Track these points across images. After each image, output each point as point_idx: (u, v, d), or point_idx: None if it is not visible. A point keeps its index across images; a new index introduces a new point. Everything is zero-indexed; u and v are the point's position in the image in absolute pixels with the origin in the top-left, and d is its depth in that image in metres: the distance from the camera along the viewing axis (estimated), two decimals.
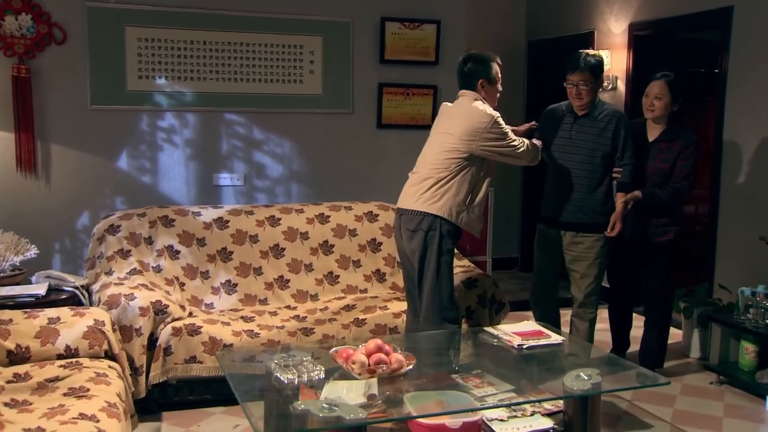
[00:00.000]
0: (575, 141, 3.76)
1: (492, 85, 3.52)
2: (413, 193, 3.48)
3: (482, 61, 3.50)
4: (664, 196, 3.82)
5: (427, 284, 3.41)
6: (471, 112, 3.43)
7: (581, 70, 3.68)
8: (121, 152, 4.43)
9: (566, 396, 2.73)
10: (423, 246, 3.41)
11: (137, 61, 4.37)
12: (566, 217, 3.80)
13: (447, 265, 3.43)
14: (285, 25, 4.65)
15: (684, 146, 3.85)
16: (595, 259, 3.80)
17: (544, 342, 3.12)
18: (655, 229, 3.93)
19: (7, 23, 4.01)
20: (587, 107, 3.75)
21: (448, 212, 3.39)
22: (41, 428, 2.21)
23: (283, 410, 2.43)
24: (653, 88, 3.89)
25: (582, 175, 3.74)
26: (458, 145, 3.40)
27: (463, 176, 3.42)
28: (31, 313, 3.14)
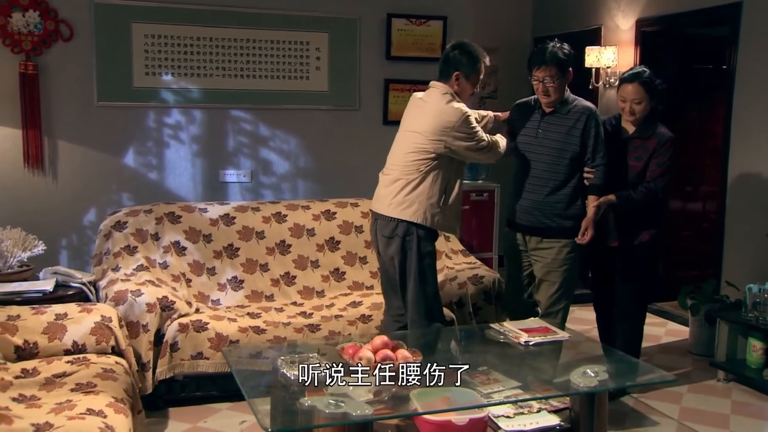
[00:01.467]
0: (542, 139, 3.50)
1: (469, 81, 3.36)
2: (385, 196, 3.39)
3: (469, 54, 3.34)
4: (637, 197, 3.56)
5: (411, 289, 3.35)
6: (439, 108, 3.30)
7: (547, 64, 3.38)
8: (128, 149, 4.44)
9: (573, 393, 2.73)
10: (402, 252, 3.33)
11: (144, 57, 4.37)
12: (529, 221, 3.55)
13: (430, 267, 3.36)
14: (291, 22, 4.65)
15: (659, 144, 3.57)
16: (561, 266, 3.53)
17: (550, 339, 3.11)
18: (630, 232, 3.67)
19: (15, 20, 4.02)
20: (555, 104, 3.49)
21: (422, 217, 3.29)
22: (49, 423, 2.22)
23: (289, 406, 2.43)
24: (628, 92, 3.55)
25: (546, 176, 3.49)
26: (426, 145, 3.28)
27: (434, 177, 3.31)
28: (38, 309, 3.16)
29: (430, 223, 3.31)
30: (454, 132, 3.25)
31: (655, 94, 3.57)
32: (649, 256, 3.74)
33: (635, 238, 3.66)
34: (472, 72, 3.35)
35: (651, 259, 3.77)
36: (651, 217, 3.67)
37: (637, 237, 3.66)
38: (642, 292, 3.80)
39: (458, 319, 3.92)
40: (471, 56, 3.34)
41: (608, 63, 5.53)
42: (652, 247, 3.70)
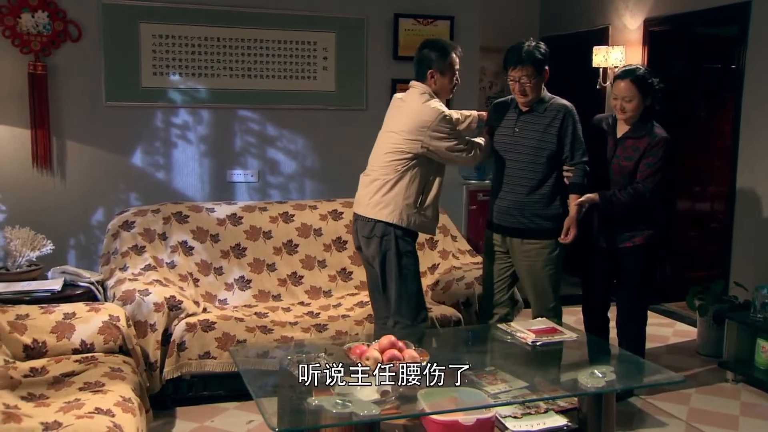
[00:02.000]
0: (519, 138, 3.42)
1: (444, 76, 3.31)
2: (364, 197, 3.37)
3: (438, 49, 3.30)
4: (624, 199, 3.46)
5: (392, 289, 3.33)
6: (416, 108, 3.27)
7: (523, 64, 3.31)
8: (136, 149, 4.46)
9: (580, 393, 2.72)
10: (381, 252, 3.31)
11: (152, 57, 4.39)
12: (508, 222, 3.47)
13: (409, 266, 3.33)
14: (298, 22, 4.65)
15: (650, 144, 3.48)
16: (545, 267, 3.46)
17: (558, 339, 3.10)
18: (620, 234, 3.58)
19: (24, 21, 4.04)
20: (532, 103, 3.42)
21: (398, 217, 3.27)
22: (58, 422, 2.23)
23: (296, 406, 2.43)
24: (620, 90, 3.49)
25: (524, 175, 3.41)
26: (403, 145, 3.26)
27: (411, 177, 3.27)
28: (47, 308, 3.18)
29: (407, 223, 3.29)
30: (431, 132, 3.23)
31: (649, 93, 3.49)
32: (646, 259, 3.63)
33: (624, 239, 3.57)
34: (445, 66, 3.31)
35: (648, 261, 3.65)
36: (642, 218, 3.57)
37: (626, 239, 3.57)
38: (641, 296, 3.72)
39: (465, 319, 3.92)
40: (440, 51, 3.30)
41: (616, 63, 5.51)
42: (648, 249, 3.60)
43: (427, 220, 3.36)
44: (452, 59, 3.32)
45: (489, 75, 6.51)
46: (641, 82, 3.47)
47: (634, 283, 3.66)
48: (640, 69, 3.53)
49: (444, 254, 4.41)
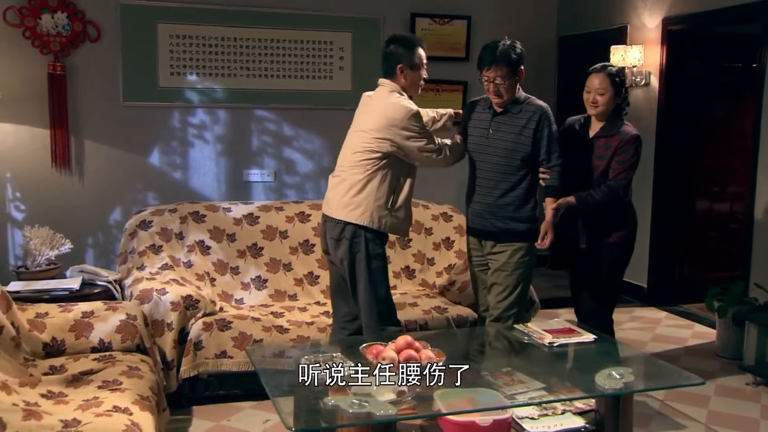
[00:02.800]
0: (492, 140, 3.34)
1: (414, 71, 3.25)
2: (332, 198, 3.30)
3: (405, 44, 3.24)
4: (599, 198, 3.42)
5: (361, 292, 3.26)
6: (386, 106, 3.21)
7: (497, 64, 3.21)
8: (153, 148, 4.49)
9: (598, 395, 2.71)
10: (350, 254, 3.23)
11: (169, 57, 4.42)
12: (482, 224, 3.41)
13: (379, 269, 3.26)
14: (315, 22, 4.67)
15: (621, 142, 3.45)
16: (514, 270, 3.36)
17: (575, 340, 3.08)
18: (597, 233, 3.54)
19: (44, 21, 4.08)
20: (507, 104, 3.33)
21: (368, 219, 3.19)
22: (77, 420, 2.25)
23: (313, 406, 2.44)
24: (593, 82, 3.48)
25: (497, 177, 3.34)
26: (372, 144, 3.19)
27: (382, 178, 3.20)
28: (65, 306, 3.21)
29: (377, 225, 3.21)
30: (400, 130, 3.16)
31: (620, 91, 3.50)
32: (618, 258, 3.58)
33: (604, 239, 3.53)
34: (413, 60, 3.24)
35: (619, 260, 3.59)
36: (618, 217, 3.54)
37: (605, 238, 3.53)
38: (604, 292, 3.64)
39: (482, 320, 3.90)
40: (406, 45, 3.25)
41: (634, 62, 5.48)
42: (620, 248, 3.56)
43: (398, 221, 3.29)
44: (420, 53, 3.27)
45: None
46: (614, 78, 3.48)
47: (599, 278, 3.59)
48: (615, 66, 3.55)
49: (460, 254, 4.41)
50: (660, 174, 5.51)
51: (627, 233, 3.57)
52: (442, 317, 3.83)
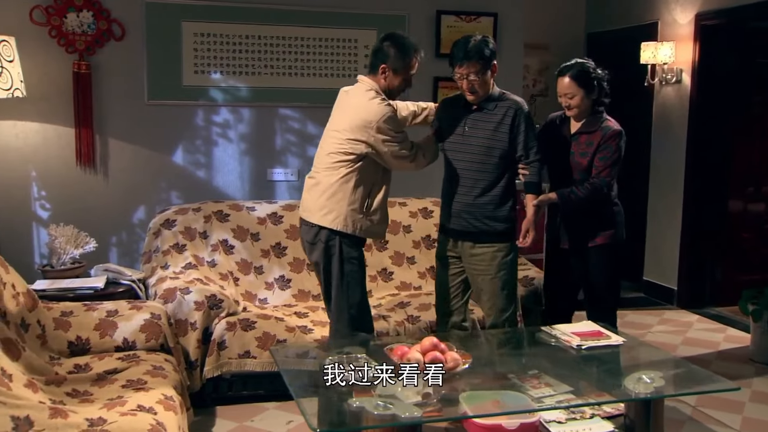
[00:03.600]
0: (469, 137, 3.28)
1: (397, 75, 3.16)
2: (307, 201, 3.28)
3: (400, 46, 3.15)
4: (582, 195, 3.37)
5: (334, 295, 3.24)
6: (360, 105, 3.14)
7: (470, 60, 3.15)
8: (177, 147, 4.53)
9: (628, 399, 2.68)
10: (325, 257, 3.20)
11: (193, 56, 4.45)
12: (460, 225, 3.34)
13: (353, 273, 3.22)
14: (340, 19, 4.67)
15: (603, 138, 3.40)
16: (497, 273, 3.31)
17: (603, 343, 3.06)
18: (584, 233, 3.49)
19: (69, 20, 4.13)
20: (481, 100, 3.28)
21: (342, 223, 3.15)
22: (102, 419, 2.28)
23: (337, 407, 2.44)
24: (561, 87, 3.42)
25: (475, 176, 3.28)
26: (346, 145, 3.13)
27: (357, 181, 3.15)
28: (90, 305, 3.26)
29: (352, 229, 3.17)
30: (374, 132, 3.09)
31: (593, 88, 3.41)
32: (610, 259, 3.52)
33: (590, 240, 3.48)
34: (401, 66, 3.16)
35: (612, 261, 3.53)
36: (604, 216, 3.48)
37: (591, 239, 3.48)
38: (609, 297, 3.60)
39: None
40: (401, 48, 3.15)
41: (665, 59, 5.42)
42: (609, 249, 3.49)
43: (374, 224, 3.23)
44: (411, 62, 3.18)
45: (533, 73, 6.45)
46: (582, 78, 3.40)
47: (600, 284, 3.55)
48: (581, 63, 3.43)
49: None
50: (691, 173, 5.44)
51: (615, 232, 3.50)
52: None
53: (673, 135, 5.59)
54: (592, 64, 3.44)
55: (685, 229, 5.50)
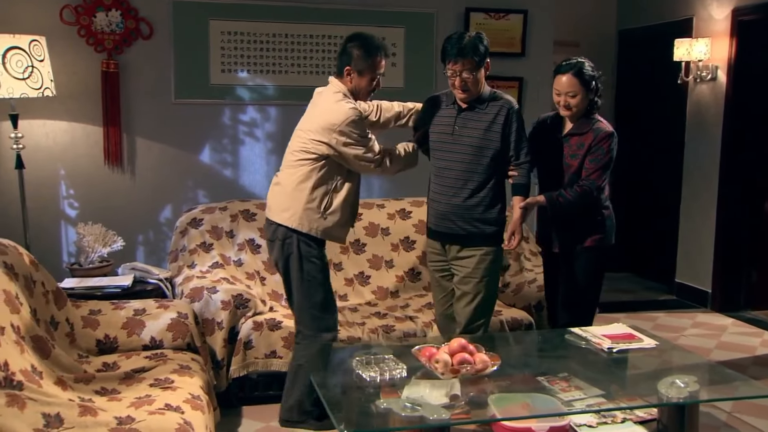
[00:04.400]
0: (459, 137, 3.22)
1: (362, 77, 3.14)
2: (270, 199, 3.28)
3: (363, 47, 3.11)
4: (571, 198, 3.29)
5: (295, 295, 3.22)
6: (326, 107, 3.14)
7: (465, 57, 3.09)
8: (204, 146, 4.57)
9: (661, 404, 2.66)
10: (283, 256, 3.19)
11: (220, 54, 4.49)
12: (447, 227, 3.28)
13: (313, 273, 3.19)
14: (367, 17, 4.68)
15: (595, 139, 3.30)
16: (483, 277, 3.25)
17: (636, 346, 3.04)
18: (572, 236, 3.41)
19: (98, 20, 4.20)
20: (472, 98, 3.22)
21: (298, 222, 3.13)
22: (131, 417, 2.31)
23: (364, 408, 2.46)
24: (562, 85, 3.31)
25: (464, 177, 3.22)
26: (309, 145, 3.12)
27: (317, 181, 3.13)
28: (118, 304, 3.30)
29: (307, 229, 3.14)
30: (337, 135, 3.06)
31: (592, 88, 3.33)
32: (594, 263, 3.44)
33: (578, 243, 3.40)
34: (365, 67, 3.12)
35: (596, 266, 3.45)
36: (593, 219, 3.40)
37: (579, 242, 3.40)
38: (584, 301, 3.49)
39: (536, 323, 3.88)
40: (365, 49, 3.11)
41: (700, 56, 5.35)
42: (596, 253, 3.41)
43: (331, 226, 3.18)
44: (376, 62, 3.14)
45: None
46: (585, 76, 3.30)
47: (576, 286, 3.45)
48: (583, 62, 3.35)
49: (515, 255, 4.37)
50: (727, 173, 5.37)
51: (604, 237, 3.42)
52: (495, 320, 3.80)
53: (707, 134, 5.52)
54: (590, 63, 3.37)
55: (719, 230, 5.43)
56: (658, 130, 6.20)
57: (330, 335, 3.26)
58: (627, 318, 5.13)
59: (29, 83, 3.69)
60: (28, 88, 3.68)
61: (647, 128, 6.30)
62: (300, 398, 3.29)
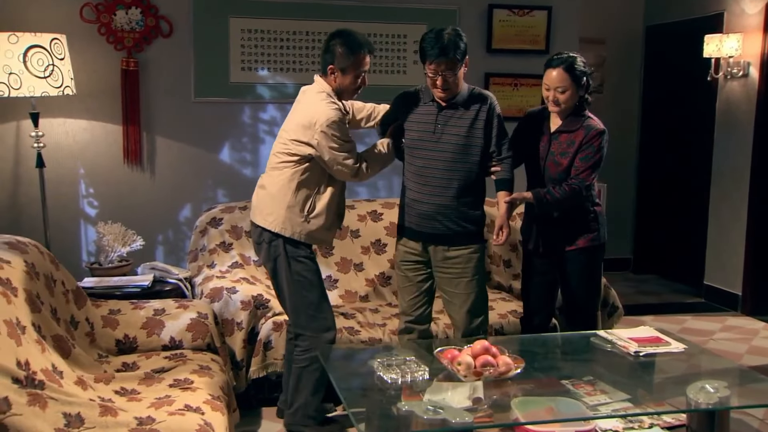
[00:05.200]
0: (442, 136, 3.19)
1: (346, 75, 3.10)
2: (253, 201, 3.29)
3: (347, 45, 3.07)
4: (559, 196, 3.25)
5: (287, 298, 3.22)
6: (308, 108, 3.11)
7: (447, 56, 3.06)
8: (223, 145, 4.60)
9: (690, 409, 2.63)
10: (271, 259, 3.19)
11: (240, 52, 4.52)
12: (433, 228, 3.23)
13: (303, 273, 3.18)
14: (388, 14, 4.69)
15: (585, 137, 3.26)
16: (474, 276, 3.26)
17: (663, 349, 3.01)
18: (563, 236, 3.38)
19: (118, 17, 4.24)
20: (452, 96, 3.20)
21: (281, 226, 3.13)
22: (151, 417, 2.34)
23: (386, 411, 2.46)
24: (552, 79, 3.25)
25: (448, 176, 3.18)
26: (291, 146, 3.10)
27: (299, 183, 3.12)
28: (137, 304, 3.33)
29: (290, 233, 3.13)
30: (317, 135, 3.03)
31: (583, 83, 3.27)
32: (591, 263, 3.42)
33: (569, 244, 3.37)
34: (348, 65, 3.08)
35: (593, 266, 3.43)
36: (585, 219, 3.37)
37: (570, 243, 3.37)
38: (589, 303, 3.49)
39: (561, 325, 3.85)
40: (347, 46, 3.07)
41: (730, 52, 5.30)
42: (593, 252, 3.40)
43: (315, 229, 3.17)
44: (359, 59, 3.10)
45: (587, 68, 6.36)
46: (576, 72, 3.24)
47: (579, 289, 3.43)
48: (574, 57, 3.29)
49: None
50: (758, 172, 5.31)
51: (597, 235, 3.39)
52: (518, 322, 3.80)
53: (738, 132, 5.46)
54: (582, 58, 3.33)
55: (750, 231, 5.37)
56: (687, 129, 6.14)
57: (330, 335, 3.24)
58: (653, 321, 5.10)
59: (50, 82, 3.74)
60: (48, 86, 3.73)
61: (675, 126, 6.24)
62: (305, 402, 3.28)
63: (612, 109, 6.38)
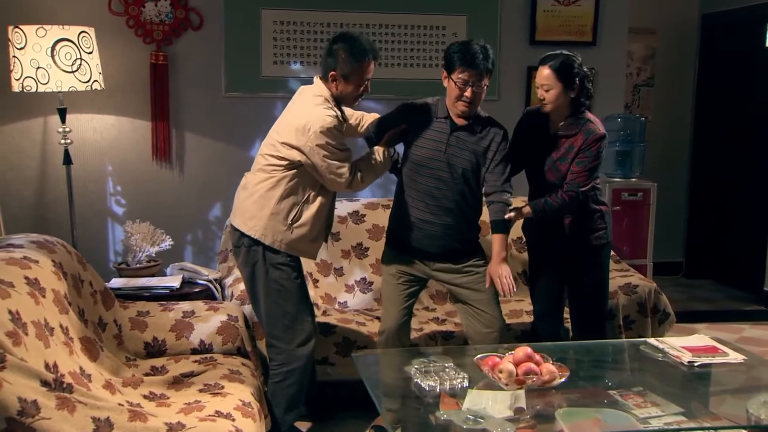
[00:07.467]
0: (452, 158, 3.21)
1: (348, 82, 3.06)
2: (235, 202, 3.26)
3: (350, 50, 3.03)
4: (556, 206, 3.31)
5: (263, 304, 3.18)
6: (303, 111, 3.06)
7: (480, 68, 3.08)
8: (255, 141, 4.63)
9: (750, 425, 2.59)
10: (249, 264, 3.15)
11: (272, 45, 4.55)
12: (436, 247, 3.30)
13: (280, 281, 3.14)
14: (427, 5, 4.69)
15: (584, 142, 3.28)
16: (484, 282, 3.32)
17: (720, 360, 2.97)
18: (571, 237, 3.43)
19: (147, 10, 4.31)
20: (470, 115, 3.22)
21: (261, 233, 3.09)
22: (181, 423, 2.37)
23: (423, 419, 2.47)
24: (539, 77, 3.30)
25: (457, 197, 3.24)
26: (280, 150, 3.05)
27: (286, 190, 3.07)
28: (166, 305, 3.38)
29: (271, 241, 3.09)
30: (310, 142, 2.99)
31: (572, 84, 3.25)
32: (598, 263, 3.49)
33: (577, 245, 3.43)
34: (352, 72, 3.05)
35: (601, 265, 3.50)
36: (590, 218, 3.42)
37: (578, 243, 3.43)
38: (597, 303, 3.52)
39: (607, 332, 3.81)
40: (351, 53, 3.02)
41: None
42: (599, 252, 3.46)
43: (297, 239, 3.12)
44: (363, 66, 3.06)
45: (636, 60, 6.31)
46: (562, 71, 3.24)
47: (587, 289, 3.48)
48: (566, 56, 3.28)
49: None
50: None
51: (604, 233, 3.46)
52: None
53: None
54: (579, 59, 3.32)
55: None
56: (746, 126, 6.03)
57: (306, 348, 3.21)
58: (707, 329, 5.03)
59: (78, 76, 3.81)
60: (76, 81, 3.80)
61: (732, 122, 6.13)
62: (278, 422, 3.22)
63: (663, 103, 6.30)
